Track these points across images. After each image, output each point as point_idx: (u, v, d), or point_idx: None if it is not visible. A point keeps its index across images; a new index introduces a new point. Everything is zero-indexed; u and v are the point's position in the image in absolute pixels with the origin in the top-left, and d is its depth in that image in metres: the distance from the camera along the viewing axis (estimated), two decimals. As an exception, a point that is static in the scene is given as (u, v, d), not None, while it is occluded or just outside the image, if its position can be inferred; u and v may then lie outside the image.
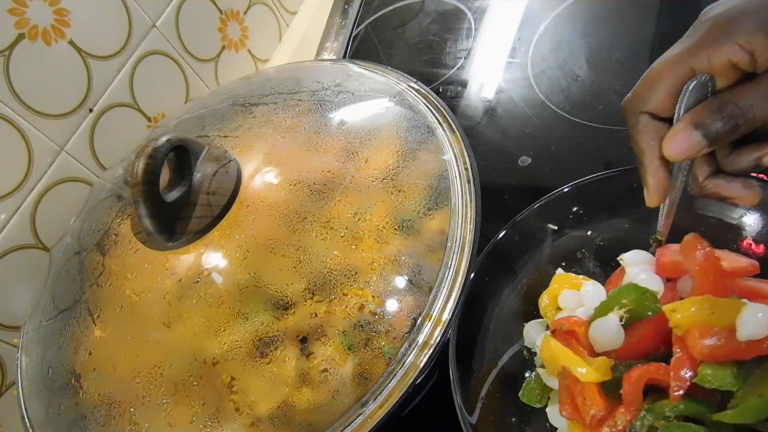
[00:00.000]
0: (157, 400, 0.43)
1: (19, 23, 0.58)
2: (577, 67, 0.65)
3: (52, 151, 0.63)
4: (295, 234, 0.44)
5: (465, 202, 0.47)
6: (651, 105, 0.35)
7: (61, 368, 0.48)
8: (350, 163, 0.47)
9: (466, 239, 0.45)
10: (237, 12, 0.82)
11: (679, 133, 0.33)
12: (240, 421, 0.41)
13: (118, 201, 0.53)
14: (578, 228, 0.48)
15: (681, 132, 0.33)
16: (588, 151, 0.58)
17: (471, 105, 0.68)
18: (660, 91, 0.34)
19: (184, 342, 0.44)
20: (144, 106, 0.71)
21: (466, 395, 0.40)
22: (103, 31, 0.66)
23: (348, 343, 0.42)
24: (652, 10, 0.65)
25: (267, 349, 0.42)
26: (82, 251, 0.52)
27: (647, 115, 0.35)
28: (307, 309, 0.42)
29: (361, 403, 0.41)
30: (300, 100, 0.53)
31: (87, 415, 0.45)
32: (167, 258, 0.45)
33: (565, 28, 0.69)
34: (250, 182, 0.46)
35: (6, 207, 0.60)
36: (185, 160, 0.47)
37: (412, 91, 0.55)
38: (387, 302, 0.43)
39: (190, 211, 0.45)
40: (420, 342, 0.42)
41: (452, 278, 0.44)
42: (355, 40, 0.83)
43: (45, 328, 0.51)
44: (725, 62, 0.32)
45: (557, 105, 0.63)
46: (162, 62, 0.73)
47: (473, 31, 0.75)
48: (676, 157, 0.34)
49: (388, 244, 0.44)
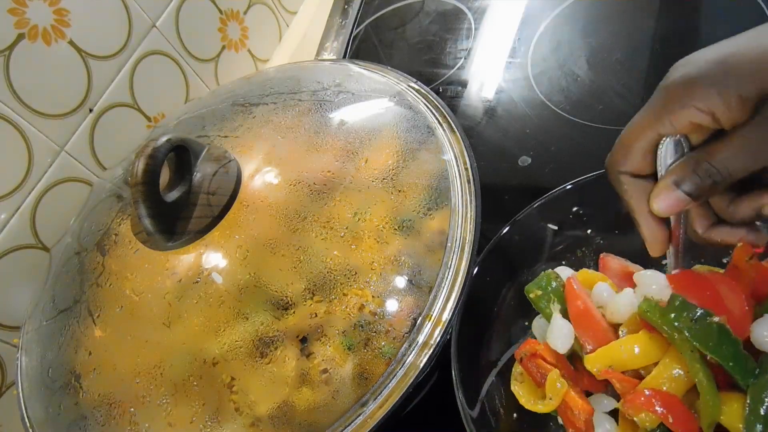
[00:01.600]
0: (157, 400, 0.43)
1: (19, 23, 0.58)
2: (577, 67, 0.65)
3: (52, 151, 0.63)
4: (295, 234, 0.44)
5: (465, 202, 0.47)
6: (629, 167, 0.36)
7: (61, 368, 0.48)
8: (350, 163, 0.47)
9: (466, 239, 0.45)
10: (237, 12, 0.82)
11: (662, 191, 0.35)
12: (240, 421, 0.41)
13: (118, 201, 0.53)
14: (579, 227, 0.48)
15: (664, 190, 0.35)
16: (588, 151, 0.58)
17: (471, 105, 0.68)
18: (635, 154, 0.36)
19: (184, 342, 0.44)
20: (144, 106, 0.71)
21: (467, 392, 0.40)
22: (103, 31, 0.66)
23: (348, 343, 0.42)
24: (652, 10, 0.65)
25: (267, 349, 0.42)
26: (82, 251, 0.52)
27: (629, 176, 0.37)
28: (307, 309, 0.42)
29: (361, 403, 0.41)
30: (300, 100, 0.53)
31: (87, 415, 0.45)
32: (167, 258, 0.45)
33: (565, 28, 0.69)
34: (250, 182, 0.46)
35: (6, 207, 0.60)
36: (185, 160, 0.47)
37: (412, 91, 0.55)
38: (387, 302, 0.43)
39: (190, 211, 0.45)
40: (420, 342, 0.42)
41: (452, 278, 0.44)
42: (355, 40, 0.83)
43: (45, 328, 0.51)
44: (688, 124, 0.33)
45: (557, 105, 0.63)
46: (162, 62, 0.73)
47: (473, 31, 0.75)
48: (664, 214, 0.35)
49: (388, 244, 0.44)
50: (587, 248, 0.47)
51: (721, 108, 0.31)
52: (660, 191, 0.35)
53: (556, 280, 0.43)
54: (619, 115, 0.59)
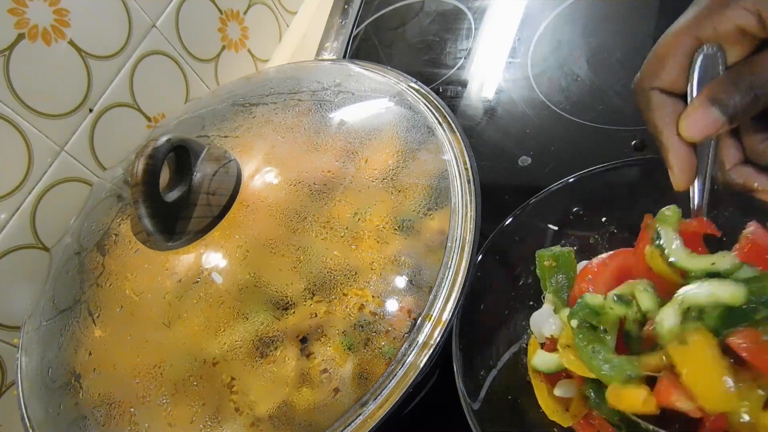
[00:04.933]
0: (157, 400, 0.43)
1: (19, 23, 0.58)
2: (577, 67, 0.65)
3: (52, 151, 0.63)
4: (295, 234, 0.44)
5: (465, 202, 0.47)
6: (661, 81, 0.33)
7: (61, 368, 0.48)
8: (350, 163, 0.47)
9: (466, 239, 0.45)
10: (237, 12, 0.82)
11: (695, 111, 0.31)
12: (240, 421, 0.41)
13: (118, 201, 0.53)
14: (578, 226, 0.48)
15: (697, 110, 0.31)
16: (588, 151, 0.58)
17: (471, 105, 0.68)
18: (669, 66, 0.32)
19: (184, 342, 0.44)
20: (144, 106, 0.71)
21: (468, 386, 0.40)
22: (103, 31, 0.66)
23: (348, 343, 0.42)
24: (652, 10, 0.65)
25: (267, 349, 0.42)
26: (82, 251, 0.52)
27: (659, 92, 0.33)
28: (307, 309, 0.42)
29: (361, 403, 0.41)
30: (300, 100, 0.53)
31: (87, 415, 0.45)
32: (167, 258, 0.45)
33: (565, 28, 0.69)
34: (250, 182, 0.46)
35: (6, 207, 0.60)
36: (185, 160, 0.47)
37: (412, 91, 0.55)
38: (387, 302, 0.43)
39: (190, 211, 0.45)
40: (420, 342, 0.42)
41: (452, 278, 0.44)
42: (355, 40, 0.83)
43: (45, 328, 0.51)
44: (733, 28, 0.30)
45: (557, 105, 0.63)
46: (162, 62, 0.73)
47: (473, 31, 0.75)
48: (695, 137, 0.32)
49: (388, 244, 0.44)
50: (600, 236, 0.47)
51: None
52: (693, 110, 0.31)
53: (570, 259, 0.44)
54: (619, 115, 0.59)
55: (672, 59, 0.32)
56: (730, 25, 0.30)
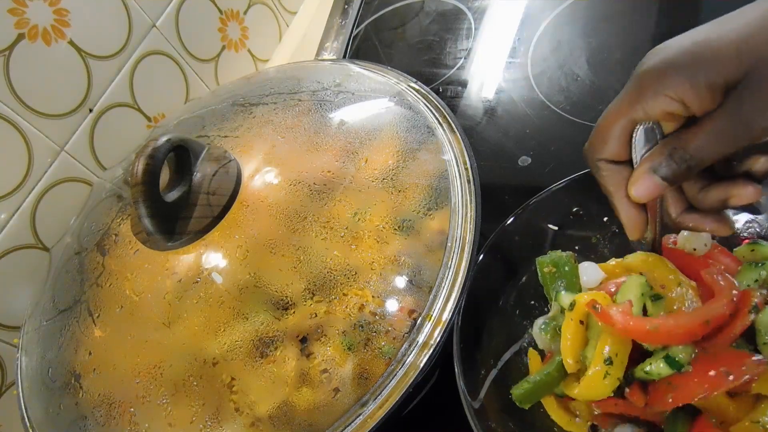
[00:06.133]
0: (157, 400, 0.43)
1: (19, 23, 0.58)
2: (577, 67, 0.65)
3: (52, 151, 0.63)
4: (295, 234, 0.44)
5: (465, 202, 0.47)
6: (606, 153, 0.37)
7: (61, 368, 0.48)
8: (350, 163, 0.47)
9: (466, 239, 0.45)
10: (237, 12, 0.82)
11: (640, 177, 0.36)
12: (240, 421, 0.41)
13: (118, 201, 0.53)
14: (579, 226, 0.48)
15: (641, 176, 0.36)
16: (588, 151, 0.58)
17: (471, 105, 0.68)
18: (611, 141, 0.36)
19: (184, 342, 0.44)
20: (144, 106, 0.71)
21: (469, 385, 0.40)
22: (103, 31, 0.66)
23: (348, 343, 0.42)
24: (652, 10, 0.65)
25: (267, 349, 0.42)
26: (82, 251, 0.52)
27: (606, 162, 0.37)
28: (307, 309, 0.42)
29: (361, 403, 0.41)
30: (300, 100, 0.53)
31: (87, 415, 0.45)
32: (167, 258, 0.45)
33: (565, 28, 0.69)
34: (250, 182, 0.46)
35: (6, 207, 0.60)
36: (185, 160, 0.47)
37: (412, 91, 0.55)
38: (387, 302, 0.43)
39: (190, 211, 0.45)
40: (420, 342, 0.42)
41: (452, 278, 0.44)
42: (355, 40, 0.83)
43: (45, 328, 0.51)
44: (660, 112, 0.34)
45: (557, 105, 0.63)
46: (162, 62, 0.73)
47: (473, 31, 0.75)
48: (642, 199, 0.36)
49: (388, 244, 0.44)
50: (602, 235, 0.47)
51: (691, 96, 0.32)
52: (638, 177, 0.36)
53: (569, 264, 0.44)
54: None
55: (613, 136, 0.36)
56: (658, 110, 0.34)
